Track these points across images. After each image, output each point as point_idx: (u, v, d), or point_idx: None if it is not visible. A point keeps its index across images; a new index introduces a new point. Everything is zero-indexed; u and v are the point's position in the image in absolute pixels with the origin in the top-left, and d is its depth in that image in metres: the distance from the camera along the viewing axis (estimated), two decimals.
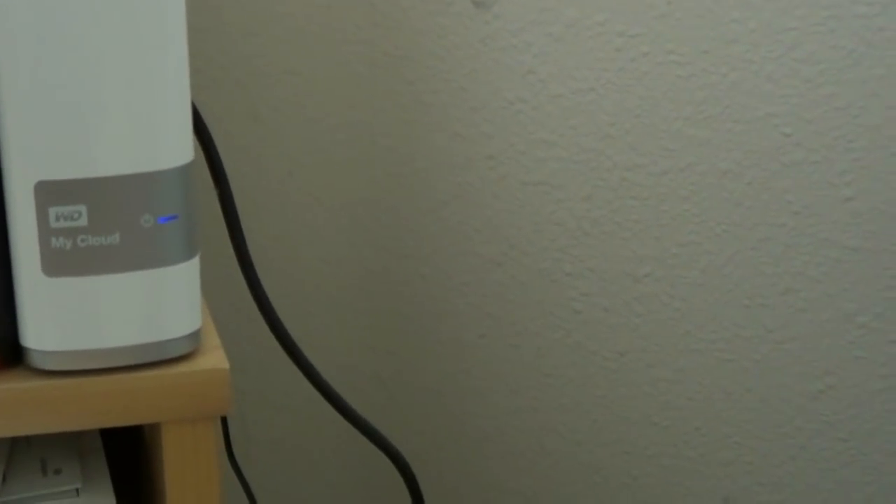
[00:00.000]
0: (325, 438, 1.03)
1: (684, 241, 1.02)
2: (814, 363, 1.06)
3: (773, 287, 1.04)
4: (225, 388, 0.62)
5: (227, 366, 0.62)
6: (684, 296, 1.04)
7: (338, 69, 0.96)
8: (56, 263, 0.59)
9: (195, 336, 0.63)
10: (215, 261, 0.98)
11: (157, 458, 0.67)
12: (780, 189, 1.02)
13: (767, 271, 1.04)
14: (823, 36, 0.98)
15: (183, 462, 0.63)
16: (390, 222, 0.99)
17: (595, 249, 1.02)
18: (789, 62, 0.99)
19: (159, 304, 0.61)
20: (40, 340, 0.60)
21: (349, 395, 1.03)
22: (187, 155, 0.60)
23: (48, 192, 0.58)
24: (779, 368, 1.06)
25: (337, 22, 0.94)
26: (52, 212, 0.58)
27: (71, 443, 0.73)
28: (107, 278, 0.60)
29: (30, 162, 0.58)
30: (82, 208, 0.59)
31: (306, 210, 0.98)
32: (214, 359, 0.63)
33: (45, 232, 0.59)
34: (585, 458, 1.07)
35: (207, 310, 0.69)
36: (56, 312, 0.60)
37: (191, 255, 0.62)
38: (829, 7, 0.98)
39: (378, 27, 0.95)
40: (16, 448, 0.72)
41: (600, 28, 0.97)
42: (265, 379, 1.01)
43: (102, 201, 0.59)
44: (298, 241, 0.99)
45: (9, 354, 0.61)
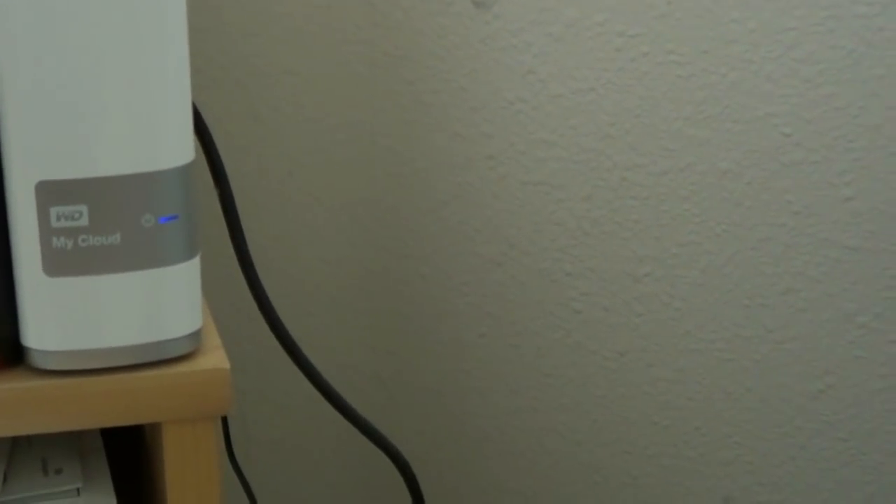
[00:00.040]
0: (326, 438, 1.03)
1: (684, 241, 1.02)
2: (814, 363, 1.06)
3: (773, 287, 1.04)
4: (226, 388, 0.62)
5: (227, 366, 0.62)
6: (684, 296, 1.04)
7: (338, 69, 0.96)
8: (57, 263, 0.59)
9: (196, 336, 0.63)
10: (215, 261, 0.98)
11: (157, 458, 0.67)
12: (780, 189, 1.02)
13: (767, 271, 1.04)
14: (823, 36, 0.98)
15: (183, 462, 0.63)
16: (390, 222, 0.99)
17: (595, 249, 1.02)
18: (789, 62, 0.99)
19: (160, 303, 0.61)
20: (41, 340, 0.60)
21: (349, 395, 1.03)
22: (188, 155, 0.60)
23: (49, 192, 0.58)
24: (779, 368, 1.06)
25: (337, 22, 0.94)
26: (53, 211, 0.58)
27: (72, 442, 0.73)
28: (108, 278, 0.60)
29: (31, 162, 0.58)
30: (83, 208, 0.59)
31: (306, 210, 0.98)
32: (215, 359, 0.63)
33: (45, 232, 0.59)
34: (585, 458, 1.07)
35: (208, 310, 0.69)
36: (57, 312, 0.60)
37: (191, 255, 0.62)
38: (828, 7, 0.98)
39: (378, 27, 0.95)
40: (16, 448, 0.72)
41: (600, 28, 0.97)
42: (265, 379, 1.01)
43: (103, 201, 0.59)
44: (298, 241, 0.99)
45: (9, 354, 0.61)
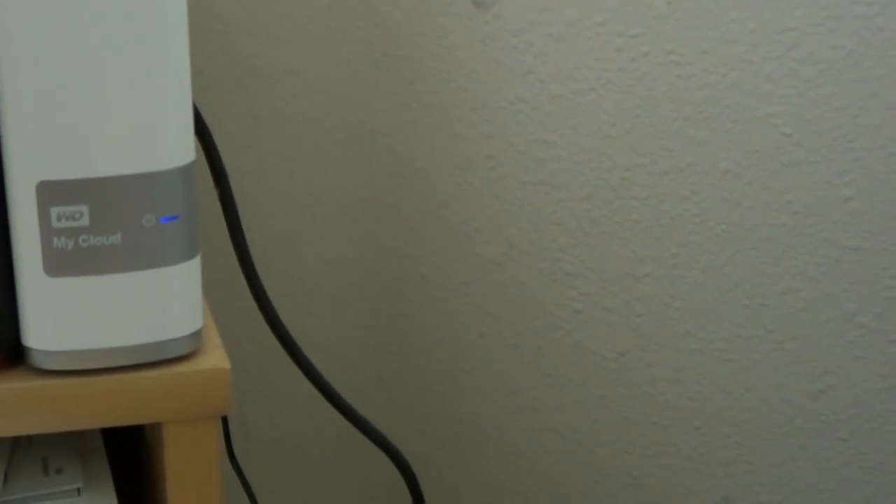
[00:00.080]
0: (326, 438, 1.03)
1: (684, 241, 1.02)
2: (814, 363, 1.06)
3: (773, 287, 1.04)
4: (226, 388, 0.62)
5: (228, 365, 0.62)
6: (684, 296, 1.04)
7: (338, 69, 0.96)
8: (58, 263, 0.59)
9: (196, 336, 0.63)
10: (216, 260, 0.98)
11: (158, 458, 0.67)
12: (780, 189, 1.02)
13: (767, 271, 1.04)
14: (823, 36, 0.99)
15: (184, 462, 0.63)
16: (390, 222, 0.99)
17: (595, 249, 1.02)
18: (789, 62, 0.99)
19: (161, 303, 0.61)
20: (42, 340, 0.60)
21: (349, 395, 1.03)
22: (189, 155, 0.60)
23: (50, 192, 0.58)
24: (779, 368, 1.06)
25: (337, 22, 0.94)
26: (54, 212, 0.58)
27: (72, 442, 0.73)
28: (108, 278, 0.60)
29: (31, 162, 0.58)
30: (84, 208, 0.59)
31: (306, 210, 0.98)
32: (216, 358, 0.63)
33: (46, 232, 0.59)
34: (585, 458, 1.07)
35: (208, 310, 0.69)
36: (57, 312, 0.60)
37: (192, 255, 0.62)
38: (828, 7, 0.98)
39: (378, 27, 0.95)
40: (17, 448, 0.72)
41: (600, 28, 0.97)
42: (265, 378, 1.01)
43: (104, 201, 0.59)
44: (299, 241, 0.99)
45: (10, 354, 0.61)
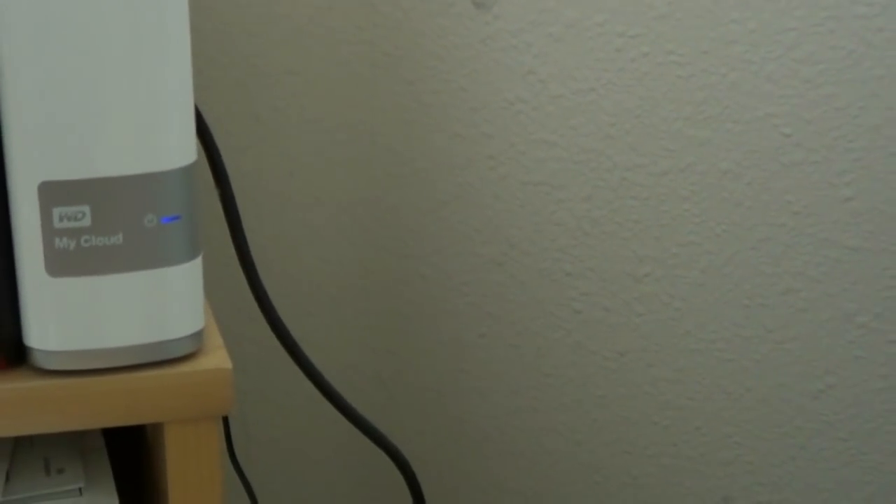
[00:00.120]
0: (326, 438, 1.03)
1: (684, 241, 1.02)
2: (814, 363, 1.06)
3: (772, 287, 1.04)
4: (227, 388, 0.62)
5: (229, 366, 0.62)
6: (684, 296, 1.04)
7: (338, 69, 0.96)
8: (59, 263, 0.59)
9: (198, 336, 0.63)
10: (216, 261, 0.98)
11: (159, 458, 0.67)
12: (780, 189, 1.02)
13: (767, 271, 1.04)
14: (823, 36, 0.99)
15: (185, 461, 0.63)
16: (391, 222, 0.99)
17: (595, 249, 1.02)
18: (789, 62, 0.99)
19: (162, 304, 0.61)
20: (44, 340, 0.60)
21: (349, 395, 1.03)
22: (190, 155, 0.61)
23: (52, 193, 0.58)
24: (779, 368, 1.06)
25: (337, 22, 0.95)
26: (56, 212, 0.59)
27: (74, 442, 0.73)
28: (110, 278, 0.60)
29: (33, 162, 0.58)
30: (86, 208, 0.59)
31: (307, 210, 0.98)
32: (217, 359, 0.63)
33: (48, 232, 0.59)
34: (585, 458, 1.07)
35: (210, 310, 0.69)
36: (59, 312, 0.60)
37: (193, 256, 0.62)
38: (828, 7, 0.98)
39: (378, 28, 0.95)
40: (19, 447, 0.72)
41: (600, 29, 0.97)
42: (266, 379, 1.01)
43: (106, 202, 0.59)
44: (299, 241, 0.99)
45: (12, 354, 0.61)
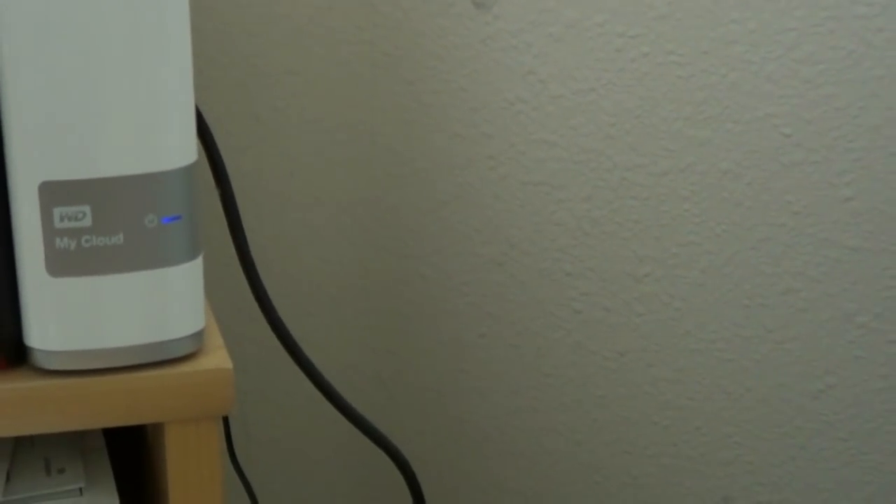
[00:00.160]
0: (326, 438, 1.03)
1: (684, 241, 1.02)
2: (814, 363, 1.06)
3: (772, 287, 1.04)
4: (228, 388, 0.62)
5: (230, 366, 0.62)
6: (684, 296, 1.04)
7: (338, 70, 0.96)
8: (60, 263, 0.59)
9: (198, 336, 0.63)
10: (216, 261, 0.98)
11: (159, 458, 0.67)
12: (780, 189, 1.02)
13: (767, 271, 1.04)
14: (823, 37, 0.99)
15: (186, 461, 0.63)
16: (391, 222, 0.99)
17: (595, 249, 1.02)
18: (789, 63, 0.99)
19: (163, 304, 0.61)
20: (44, 340, 0.60)
21: (350, 395, 1.03)
22: (191, 155, 0.61)
23: (52, 193, 0.58)
24: (779, 368, 1.06)
25: (337, 22, 0.95)
26: (57, 212, 0.59)
27: (74, 442, 0.73)
28: (111, 278, 0.60)
29: (34, 162, 0.58)
30: (86, 208, 0.59)
31: (307, 210, 0.98)
32: (217, 359, 0.63)
33: (49, 232, 0.59)
34: (585, 458, 1.07)
35: (210, 310, 0.69)
36: (60, 312, 0.60)
37: (194, 256, 0.62)
38: (828, 8, 0.98)
39: (378, 28, 0.95)
40: (19, 447, 0.72)
41: (600, 29, 0.97)
42: (266, 378, 1.01)
43: (106, 202, 0.59)
44: (299, 241, 0.99)
45: (13, 354, 0.61)
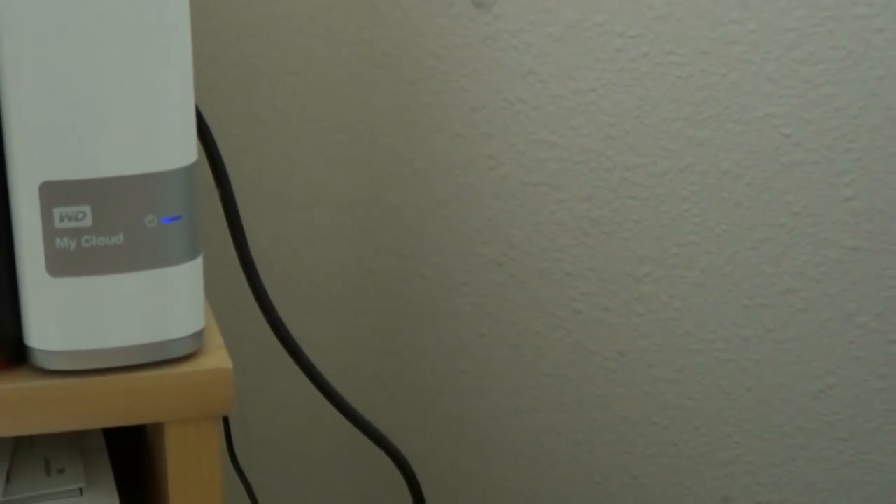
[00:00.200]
0: (326, 438, 1.03)
1: (684, 242, 1.02)
2: (814, 363, 1.06)
3: (772, 287, 1.04)
4: (228, 388, 0.62)
5: (230, 366, 0.62)
6: (684, 296, 1.04)
7: (338, 70, 0.96)
8: (60, 263, 0.59)
9: (198, 336, 0.63)
10: (216, 261, 0.98)
11: (160, 458, 0.67)
12: (780, 189, 1.02)
13: (767, 271, 1.04)
14: (823, 37, 0.99)
15: (186, 461, 0.63)
16: (391, 222, 0.99)
17: (595, 249, 1.02)
18: (789, 63, 0.99)
19: (163, 304, 0.61)
20: (44, 340, 0.60)
21: (350, 395, 1.03)
22: (191, 155, 0.61)
23: (53, 193, 0.58)
24: (779, 368, 1.06)
25: (337, 22, 0.95)
26: (57, 212, 0.59)
27: (74, 442, 0.73)
28: (111, 278, 0.60)
29: (34, 162, 0.58)
30: (86, 209, 0.59)
31: (307, 210, 0.98)
32: (218, 359, 0.63)
33: (49, 232, 0.59)
34: (585, 458, 1.07)
35: (210, 310, 0.69)
36: (60, 312, 0.60)
37: (194, 256, 0.62)
38: (828, 8, 0.98)
39: (378, 28, 0.95)
40: (19, 447, 0.72)
41: (600, 29, 0.97)
42: (266, 378, 1.01)
43: (107, 202, 0.59)
44: (299, 241, 0.99)
45: (13, 354, 0.61)
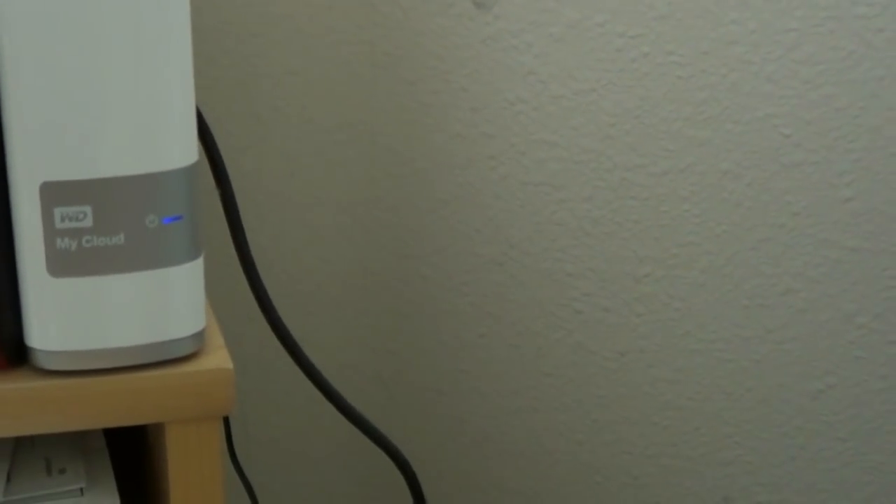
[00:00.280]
0: (326, 438, 1.03)
1: (684, 242, 1.02)
2: (813, 363, 1.06)
3: (772, 287, 1.04)
4: (229, 388, 0.62)
5: (231, 365, 0.62)
6: (684, 296, 1.04)
7: (339, 70, 0.96)
8: (61, 264, 0.59)
9: (199, 336, 0.63)
10: (217, 261, 0.98)
11: (160, 458, 0.67)
12: (780, 189, 1.02)
13: (767, 272, 1.04)
14: (823, 37, 0.99)
15: (187, 461, 0.63)
16: (391, 222, 0.99)
17: (595, 250, 1.02)
18: (789, 63, 0.99)
19: (164, 304, 0.61)
20: (45, 340, 0.60)
21: (350, 395, 1.03)
22: (192, 155, 0.61)
23: (53, 193, 0.58)
24: (778, 368, 1.06)
25: (338, 22, 0.95)
26: (58, 212, 0.59)
27: (75, 442, 0.73)
28: (111, 279, 0.60)
29: (35, 162, 0.58)
30: (87, 209, 0.59)
31: (307, 210, 0.98)
32: (218, 359, 0.63)
33: (50, 232, 0.59)
34: (586, 458, 1.07)
35: (211, 310, 0.69)
36: (61, 312, 0.60)
37: (195, 256, 0.62)
38: (828, 8, 0.98)
39: (379, 28, 0.95)
40: (20, 448, 0.72)
41: (601, 29, 0.97)
42: (266, 379, 1.01)
43: (107, 202, 0.59)
44: (299, 241, 0.99)
45: (13, 354, 0.61)
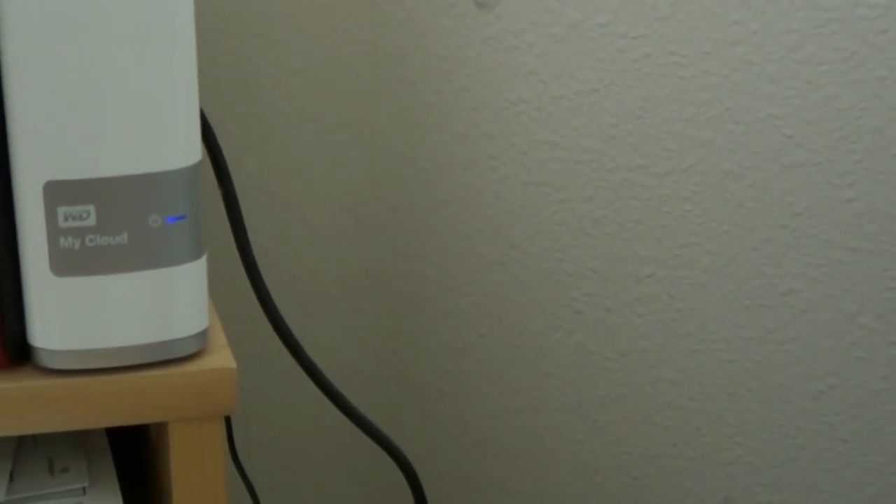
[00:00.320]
0: (328, 438, 1.03)
1: (686, 242, 1.02)
2: (815, 364, 1.06)
3: (774, 288, 1.04)
4: (232, 388, 0.62)
5: (234, 365, 0.62)
6: (686, 296, 1.04)
7: (340, 69, 0.96)
8: (64, 263, 0.59)
9: (202, 335, 0.63)
10: (218, 260, 0.98)
11: (163, 457, 0.67)
12: (782, 190, 1.02)
13: (769, 272, 1.04)
14: (825, 38, 0.99)
15: (189, 461, 0.63)
16: (392, 222, 0.99)
17: (597, 250, 1.02)
18: (791, 64, 0.99)
19: (167, 303, 0.61)
20: (48, 339, 0.60)
21: (351, 395, 1.03)
22: (195, 155, 0.61)
23: (57, 192, 0.58)
24: (780, 369, 1.06)
25: (339, 22, 0.95)
26: (61, 211, 0.59)
27: (77, 442, 0.73)
28: (115, 278, 0.60)
29: (39, 162, 0.58)
30: (91, 208, 0.59)
31: (309, 210, 0.98)
32: (221, 358, 0.63)
33: (53, 231, 0.59)
34: (586, 458, 1.07)
35: (214, 309, 0.69)
36: (64, 312, 0.60)
37: (198, 255, 0.62)
38: (830, 9, 0.98)
39: (380, 27, 0.95)
40: (22, 447, 0.72)
41: (602, 29, 0.97)
42: (268, 378, 1.01)
43: (111, 201, 0.59)
44: (301, 241, 0.99)
45: (16, 353, 0.61)
